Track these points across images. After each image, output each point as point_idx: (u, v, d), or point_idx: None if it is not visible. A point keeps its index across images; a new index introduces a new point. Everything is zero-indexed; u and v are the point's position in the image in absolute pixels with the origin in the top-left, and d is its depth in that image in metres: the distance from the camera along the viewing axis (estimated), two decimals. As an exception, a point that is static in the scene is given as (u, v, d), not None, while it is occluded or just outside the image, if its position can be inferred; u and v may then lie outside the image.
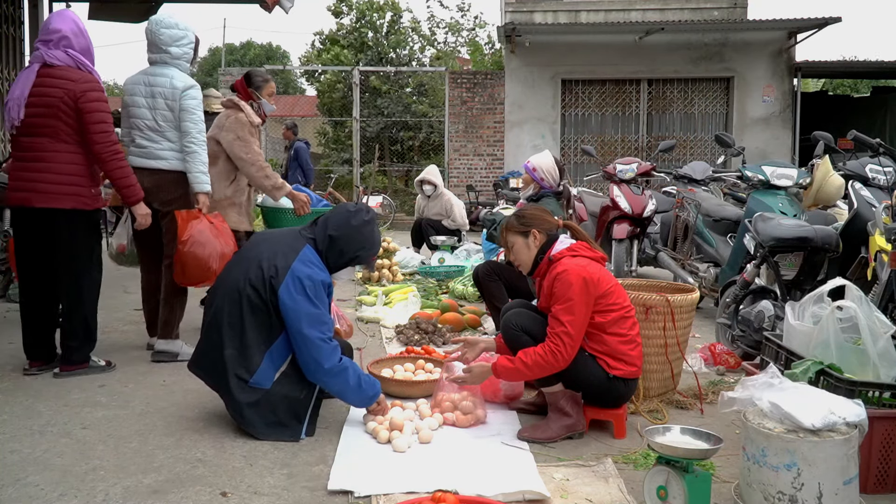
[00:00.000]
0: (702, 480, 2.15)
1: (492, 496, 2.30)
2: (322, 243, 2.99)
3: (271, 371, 2.86)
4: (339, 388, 2.90)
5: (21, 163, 3.58)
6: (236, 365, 2.83)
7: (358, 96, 14.44)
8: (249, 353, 2.84)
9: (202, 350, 2.99)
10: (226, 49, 33.77)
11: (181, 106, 3.93)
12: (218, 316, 2.91)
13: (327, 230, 3.00)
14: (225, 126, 4.40)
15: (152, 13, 9.10)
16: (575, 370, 2.85)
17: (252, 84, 4.56)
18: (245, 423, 2.85)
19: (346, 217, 3.03)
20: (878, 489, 2.42)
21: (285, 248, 2.93)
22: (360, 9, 20.89)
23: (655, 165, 6.33)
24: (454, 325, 4.82)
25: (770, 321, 3.77)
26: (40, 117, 3.52)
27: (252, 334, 2.85)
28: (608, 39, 12.84)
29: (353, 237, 3.01)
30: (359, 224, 3.02)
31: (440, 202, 8.07)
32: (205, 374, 2.99)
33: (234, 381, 2.83)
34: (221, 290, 2.96)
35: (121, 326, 4.91)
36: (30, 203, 3.53)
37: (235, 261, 3.06)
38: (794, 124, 12.90)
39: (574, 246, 2.98)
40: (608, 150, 12.98)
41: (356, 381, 2.88)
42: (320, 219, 3.08)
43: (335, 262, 3.03)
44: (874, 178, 4.24)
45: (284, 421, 2.86)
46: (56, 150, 3.54)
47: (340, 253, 3.01)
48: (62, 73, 3.54)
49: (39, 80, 3.52)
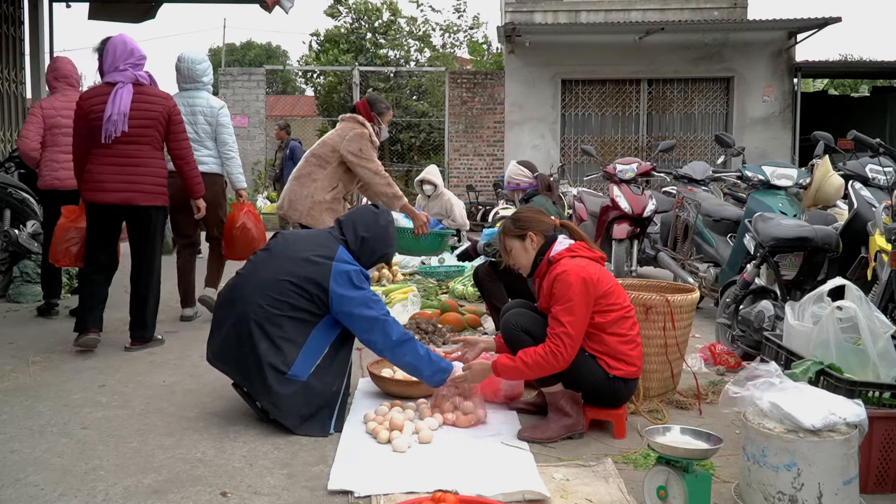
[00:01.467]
0: (702, 480, 2.15)
1: (492, 496, 2.30)
2: (354, 244, 3.17)
3: (308, 363, 2.95)
4: (412, 359, 3.02)
5: (120, 167, 4.10)
6: (273, 357, 2.89)
7: (358, 96, 14.44)
8: (287, 345, 2.92)
9: (225, 343, 3.01)
10: (226, 49, 33.75)
11: (218, 121, 4.96)
12: (247, 310, 2.95)
13: (358, 231, 3.18)
14: (347, 137, 4.66)
15: (152, 13, 9.10)
16: (575, 370, 2.85)
17: (375, 109, 4.89)
18: (281, 415, 2.89)
19: (374, 218, 3.24)
20: (878, 489, 2.41)
21: (322, 248, 3.07)
22: (356, 9, 20.88)
23: (655, 165, 6.34)
24: (454, 325, 4.82)
25: (770, 321, 3.77)
26: (143, 128, 4.12)
27: (289, 327, 2.94)
28: (608, 39, 12.84)
29: (382, 237, 3.23)
30: (385, 224, 3.26)
31: (440, 202, 8.07)
32: (229, 368, 3.03)
33: (270, 372, 2.87)
34: (250, 286, 3.01)
35: (121, 326, 4.91)
36: (136, 202, 4.13)
37: (264, 258, 3.11)
38: (794, 124, 12.90)
39: (573, 246, 2.98)
40: (608, 150, 12.98)
41: (426, 351, 3.05)
42: (345, 220, 3.25)
43: (367, 261, 3.20)
44: (874, 178, 4.23)
45: (316, 414, 2.93)
46: (153, 156, 4.20)
47: (372, 252, 3.21)
48: (152, 91, 4.20)
49: (137, 97, 4.09)
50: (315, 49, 22.00)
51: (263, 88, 14.50)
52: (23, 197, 5.82)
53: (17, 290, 5.80)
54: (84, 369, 3.85)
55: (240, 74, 14.46)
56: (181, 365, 3.95)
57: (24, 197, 5.82)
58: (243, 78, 14.36)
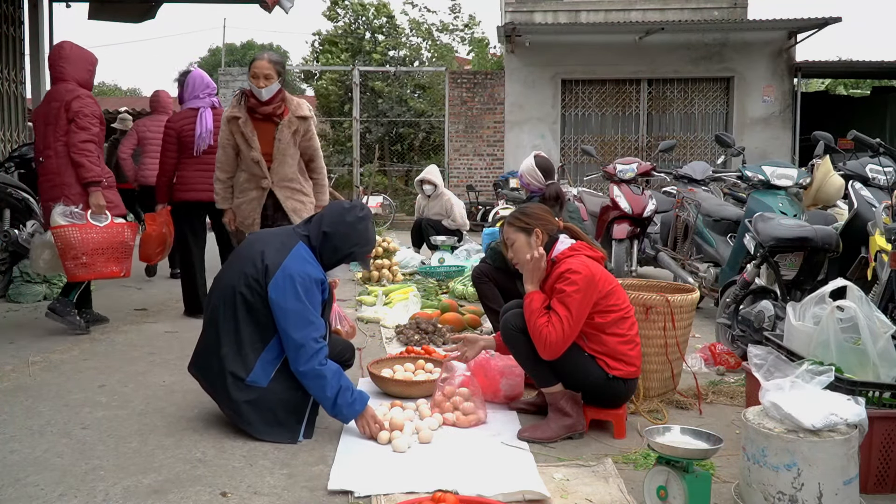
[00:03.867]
0: (702, 480, 2.15)
1: (492, 496, 2.30)
2: (316, 240, 2.97)
3: (268, 369, 2.85)
4: (316, 394, 2.85)
5: (204, 172, 5.04)
6: (232, 363, 2.82)
7: (358, 96, 14.44)
8: (245, 351, 2.83)
9: (199, 350, 2.99)
10: (226, 49, 33.73)
11: None
12: (214, 315, 2.91)
13: (321, 227, 2.97)
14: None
15: (152, 13, 9.15)
16: (574, 370, 2.85)
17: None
18: (243, 421, 2.84)
19: (340, 213, 3.00)
20: (878, 489, 2.42)
21: (278, 245, 2.91)
22: (354, 9, 20.87)
23: (655, 165, 6.34)
24: (454, 325, 4.82)
25: (770, 321, 3.77)
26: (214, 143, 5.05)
27: (247, 332, 2.84)
28: (608, 39, 12.84)
29: (347, 234, 2.98)
30: (353, 220, 2.99)
31: (440, 202, 8.06)
32: (201, 374, 2.98)
33: (230, 378, 2.81)
34: (218, 289, 2.96)
35: (121, 326, 4.91)
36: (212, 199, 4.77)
37: (232, 259, 3.06)
38: (794, 124, 12.90)
39: (575, 245, 2.98)
40: (608, 150, 12.98)
41: (334, 394, 2.79)
42: (314, 216, 3.07)
43: (329, 260, 2.99)
44: (874, 178, 4.23)
45: (283, 421, 2.84)
46: None
47: (335, 249, 2.98)
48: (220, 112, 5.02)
49: (215, 118, 5.09)
50: (317, 50, 21.99)
51: (263, 88, 14.49)
52: (23, 197, 5.83)
53: (17, 290, 5.80)
54: (84, 369, 3.85)
55: (240, 74, 14.45)
56: (181, 365, 3.93)
57: (23, 197, 5.83)
58: (243, 78, 14.34)
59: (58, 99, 4.51)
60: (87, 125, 4.45)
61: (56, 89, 4.58)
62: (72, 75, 4.57)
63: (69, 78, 4.56)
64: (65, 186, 4.46)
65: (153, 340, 4.53)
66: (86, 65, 4.67)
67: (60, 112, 4.47)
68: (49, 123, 4.51)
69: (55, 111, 4.50)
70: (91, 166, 4.44)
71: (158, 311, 5.49)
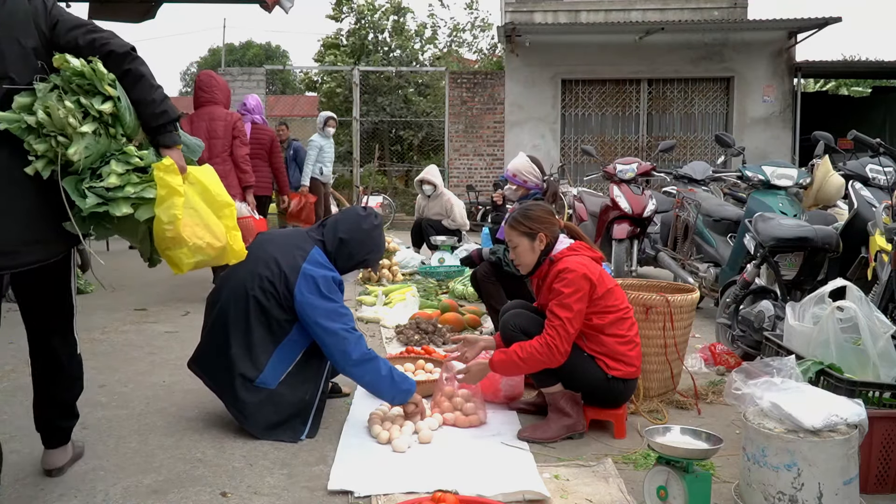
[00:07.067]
0: (702, 480, 2.15)
1: (492, 496, 2.30)
2: (331, 245, 3.02)
3: (278, 371, 2.86)
4: (372, 379, 2.88)
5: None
6: (242, 364, 2.83)
7: (358, 96, 14.44)
8: (256, 352, 2.84)
9: (204, 349, 2.99)
10: (226, 49, 33.74)
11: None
12: (223, 315, 2.91)
13: (337, 233, 3.03)
14: None
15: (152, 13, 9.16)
16: (573, 370, 2.85)
17: None
18: (247, 422, 2.84)
19: (357, 221, 3.08)
20: (878, 489, 2.42)
21: (294, 249, 2.94)
22: (359, 10, 20.85)
23: (655, 165, 6.33)
24: (454, 325, 4.82)
25: (770, 321, 3.77)
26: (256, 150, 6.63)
27: (259, 333, 2.85)
28: (608, 39, 12.83)
29: (363, 241, 3.07)
30: (369, 228, 3.08)
31: (440, 202, 8.06)
32: (205, 373, 2.98)
33: (238, 380, 2.82)
34: (227, 290, 2.96)
35: (121, 326, 4.91)
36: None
37: (242, 260, 3.06)
38: (794, 124, 12.90)
39: (574, 245, 2.98)
40: (608, 150, 12.97)
41: (388, 372, 2.87)
42: (330, 220, 3.13)
43: (344, 265, 3.05)
44: (874, 178, 4.23)
45: (287, 421, 2.85)
46: None
47: (350, 256, 3.05)
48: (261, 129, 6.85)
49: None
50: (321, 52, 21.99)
51: (263, 88, 14.49)
52: None
53: (18, 290, 5.79)
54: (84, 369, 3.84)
55: (240, 74, 14.44)
56: (181, 365, 3.92)
57: None
58: (243, 78, 14.35)
59: (219, 118, 5.74)
60: (246, 142, 5.94)
61: (212, 110, 5.76)
62: (221, 100, 5.84)
63: (220, 101, 5.83)
64: (230, 188, 5.36)
65: (153, 340, 4.53)
66: (227, 91, 5.96)
67: (227, 130, 5.74)
68: (214, 137, 5.67)
69: (220, 128, 5.72)
70: (251, 173, 5.93)
71: (158, 311, 5.49)
